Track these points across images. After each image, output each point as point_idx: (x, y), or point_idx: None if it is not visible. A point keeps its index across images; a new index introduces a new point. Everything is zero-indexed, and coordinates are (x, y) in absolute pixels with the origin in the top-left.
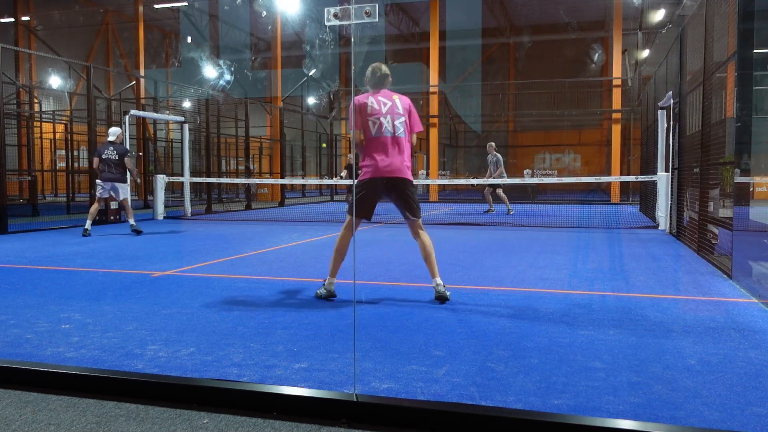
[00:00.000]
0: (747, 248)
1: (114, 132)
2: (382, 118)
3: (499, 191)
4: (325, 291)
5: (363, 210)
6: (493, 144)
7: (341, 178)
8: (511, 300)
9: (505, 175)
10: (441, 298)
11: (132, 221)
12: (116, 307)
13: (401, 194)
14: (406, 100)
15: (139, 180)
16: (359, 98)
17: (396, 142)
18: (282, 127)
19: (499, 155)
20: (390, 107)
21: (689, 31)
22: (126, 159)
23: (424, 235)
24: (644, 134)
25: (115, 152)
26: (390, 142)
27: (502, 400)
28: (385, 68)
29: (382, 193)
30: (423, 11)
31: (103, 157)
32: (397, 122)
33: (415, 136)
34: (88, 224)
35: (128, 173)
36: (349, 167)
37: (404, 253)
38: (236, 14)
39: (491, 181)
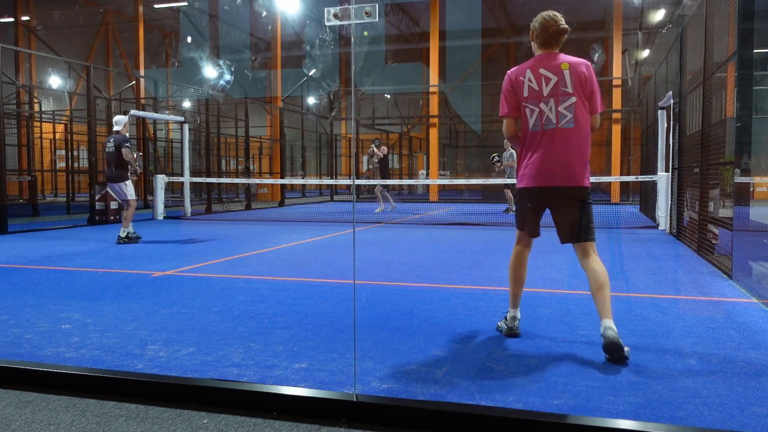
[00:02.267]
0: (747, 248)
1: (118, 121)
2: (542, 105)
3: (507, 191)
4: (504, 326)
5: (527, 225)
6: None
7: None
8: None
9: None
10: (611, 347)
11: (123, 230)
12: (116, 307)
13: (566, 209)
14: (581, 67)
15: (139, 171)
16: (514, 71)
17: (563, 137)
18: (282, 127)
19: (513, 150)
20: (554, 85)
21: (689, 31)
22: (123, 149)
23: (598, 263)
24: (644, 134)
25: (112, 144)
26: (553, 138)
27: (502, 400)
28: (560, 19)
29: (545, 206)
30: (423, 11)
31: (105, 152)
32: (562, 107)
33: (597, 118)
34: (124, 230)
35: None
36: (381, 163)
37: (404, 253)
38: (236, 14)
39: (508, 181)
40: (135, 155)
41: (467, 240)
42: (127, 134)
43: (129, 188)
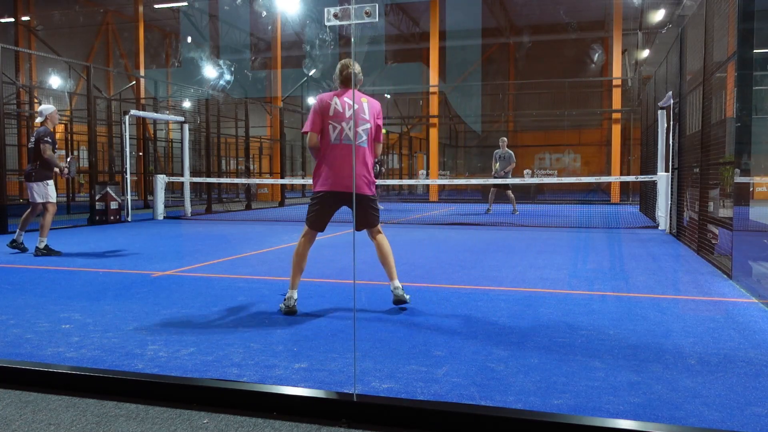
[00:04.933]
0: (747, 248)
1: (42, 111)
2: (344, 123)
3: (508, 192)
4: (284, 306)
5: (319, 223)
6: (505, 139)
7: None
8: (511, 300)
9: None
10: (399, 301)
11: (40, 241)
12: (116, 307)
13: (362, 209)
14: (377, 105)
15: (66, 174)
16: (323, 96)
17: (357, 152)
18: (282, 127)
19: (511, 151)
20: (356, 111)
21: (689, 31)
22: (41, 145)
23: (382, 238)
24: (644, 134)
25: (33, 138)
26: (349, 152)
27: (502, 400)
28: (356, 66)
29: (339, 206)
30: (423, 11)
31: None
32: (360, 129)
33: (379, 146)
34: (42, 240)
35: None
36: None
37: (404, 253)
38: (236, 14)
39: (508, 180)
40: (68, 159)
41: (467, 240)
42: (53, 127)
43: (43, 190)
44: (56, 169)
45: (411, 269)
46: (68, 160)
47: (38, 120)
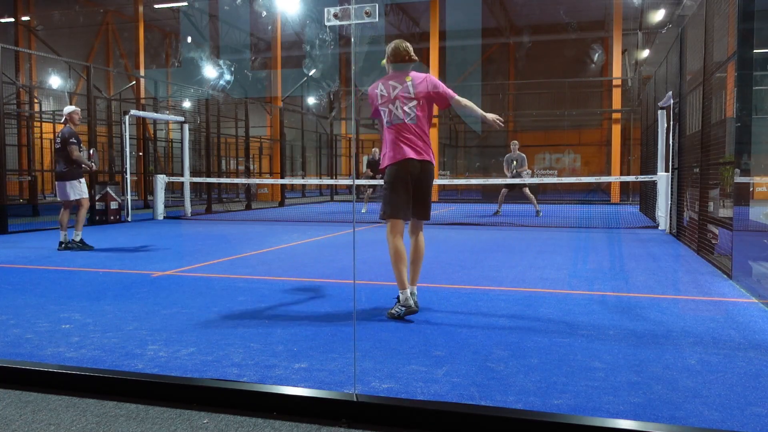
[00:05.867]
0: (747, 248)
1: (64, 111)
2: (390, 105)
3: (526, 190)
4: (401, 308)
5: (398, 209)
6: (517, 142)
7: (365, 175)
8: (511, 300)
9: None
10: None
11: (76, 234)
12: (116, 307)
13: (421, 188)
14: (422, 78)
15: (94, 167)
16: (372, 86)
17: (409, 129)
18: (282, 127)
19: (523, 154)
20: (398, 91)
21: (689, 31)
22: (69, 146)
23: (422, 239)
24: (644, 134)
25: (59, 139)
26: (402, 130)
27: (502, 400)
28: (403, 46)
29: (409, 183)
30: (423, 11)
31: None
32: (406, 107)
33: (454, 99)
34: (78, 234)
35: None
36: (372, 163)
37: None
38: (236, 14)
39: (523, 180)
40: (90, 152)
41: (467, 240)
42: (74, 127)
43: (77, 188)
44: (85, 167)
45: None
46: (91, 152)
47: (61, 120)
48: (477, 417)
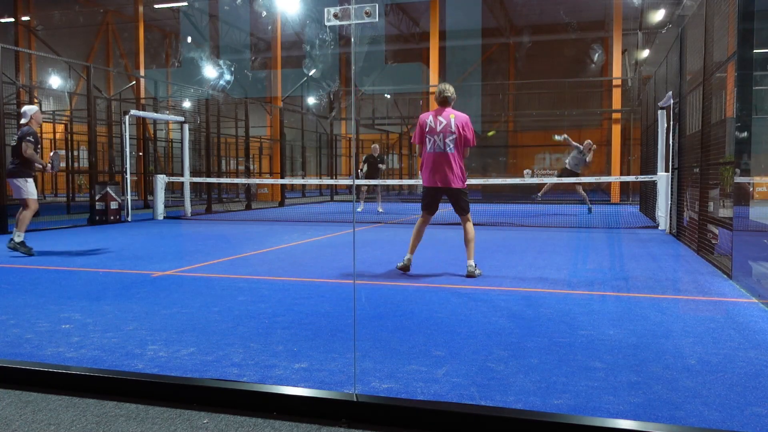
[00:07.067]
0: (747, 248)
1: (25, 111)
2: (436, 137)
3: (578, 188)
4: (402, 263)
5: (428, 208)
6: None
7: (361, 171)
8: (511, 300)
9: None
10: (470, 275)
11: (17, 234)
12: (116, 307)
13: (453, 198)
14: (462, 118)
15: (50, 169)
16: (423, 116)
17: (447, 157)
18: (282, 127)
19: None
20: (444, 126)
21: (689, 31)
22: (23, 143)
23: (469, 224)
24: (644, 134)
25: (16, 137)
26: (440, 158)
27: (502, 400)
28: (449, 90)
29: (440, 195)
30: (423, 11)
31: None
32: (448, 140)
33: (467, 150)
34: (19, 234)
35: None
36: (369, 161)
37: (403, 253)
38: (236, 14)
39: (582, 179)
40: (51, 154)
41: None
42: (37, 127)
43: (28, 186)
44: (38, 166)
45: (411, 269)
46: (51, 155)
47: (23, 120)
48: (477, 417)
